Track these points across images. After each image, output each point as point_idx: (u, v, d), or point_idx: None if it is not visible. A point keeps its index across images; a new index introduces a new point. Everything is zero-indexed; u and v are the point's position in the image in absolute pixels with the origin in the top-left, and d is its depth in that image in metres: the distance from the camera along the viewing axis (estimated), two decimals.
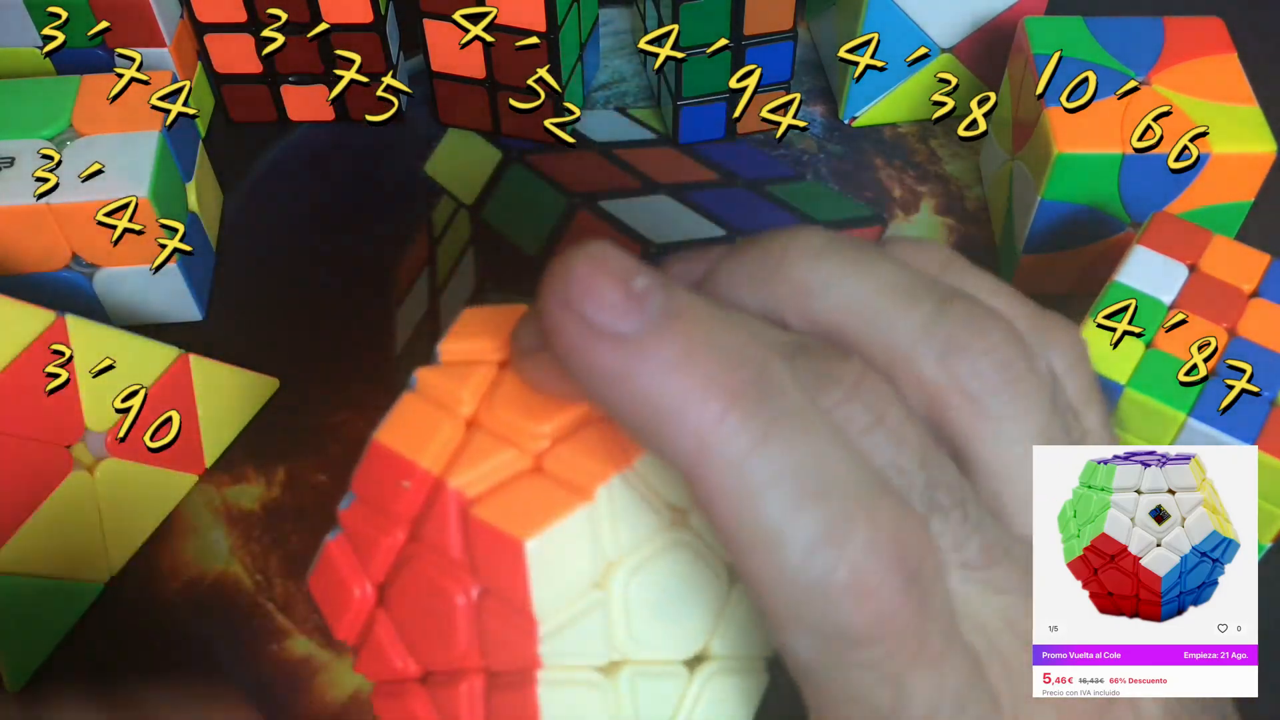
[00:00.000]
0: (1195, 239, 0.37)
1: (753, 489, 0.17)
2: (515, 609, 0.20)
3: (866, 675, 0.18)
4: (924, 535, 0.18)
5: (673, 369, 0.17)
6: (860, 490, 0.18)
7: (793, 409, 0.18)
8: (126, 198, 0.38)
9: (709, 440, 0.17)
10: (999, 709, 0.20)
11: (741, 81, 0.47)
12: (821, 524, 0.17)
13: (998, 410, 0.21)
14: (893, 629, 0.18)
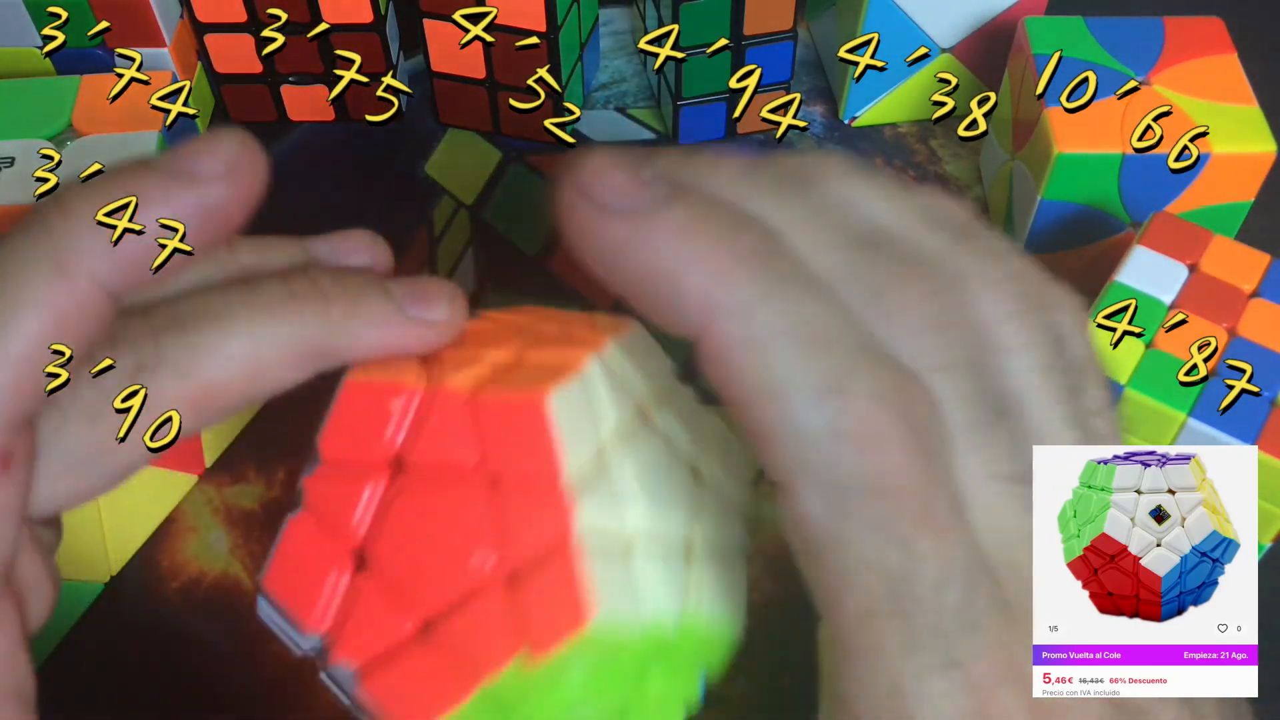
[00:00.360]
0: (1195, 239, 0.37)
1: (760, 338, 0.18)
2: (544, 483, 0.20)
3: (875, 536, 0.18)
4: (927, 397, 0.19)
5: (679, 235, 0.18)
6: (864, 348, 0.18)
7: (797, 270, 0.18)
8: (126, 198, 0.38)
9: (716, 294, 0.18)
10: (1009, 609, 0.20)
11: (741, 81, 0.47)
12: (827, 373, 0.18)
13: (1007, 340, 0.21)
14: (898, 484, 0.18)
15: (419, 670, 0.20)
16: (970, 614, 0.19)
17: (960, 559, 0.19)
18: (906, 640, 0.19)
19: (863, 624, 0.19)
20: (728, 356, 0.18)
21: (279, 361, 0.22)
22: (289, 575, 0.21)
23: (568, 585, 0.20)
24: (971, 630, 0.19)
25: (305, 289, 0.23)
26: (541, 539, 0.20)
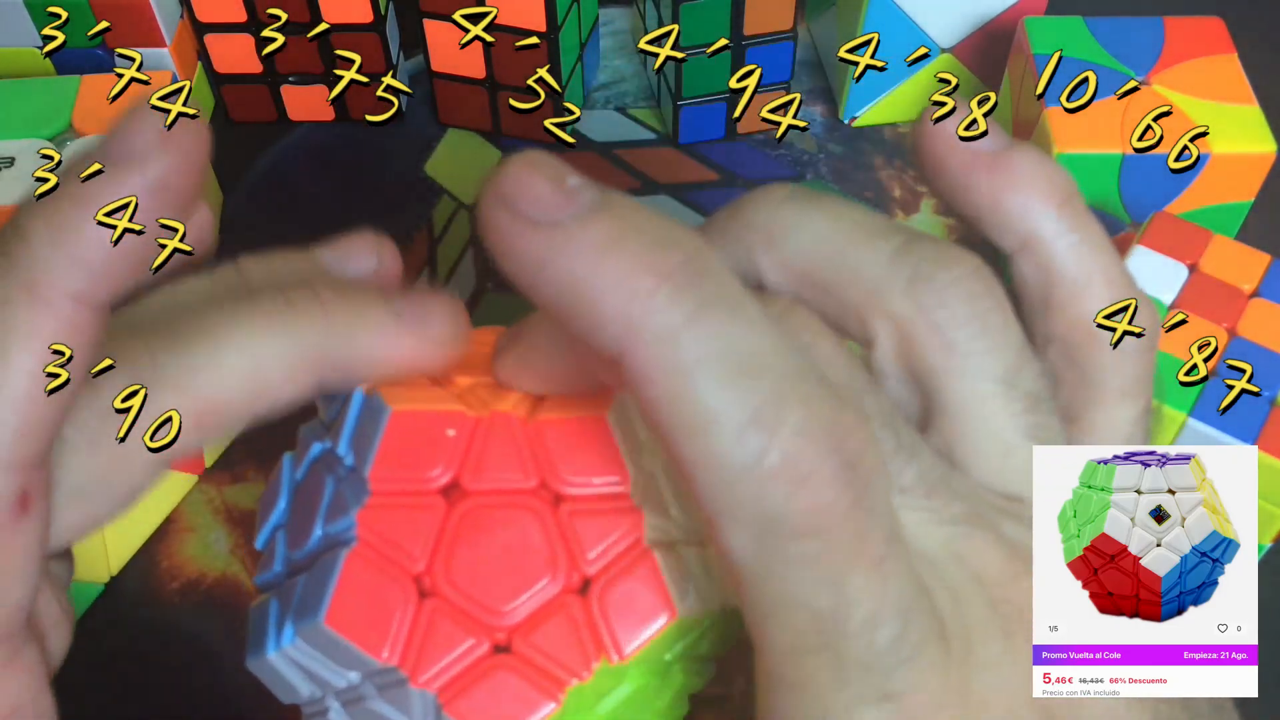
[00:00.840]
0: (1195, 239, 0.37)
1: (683, 366, 0.17)
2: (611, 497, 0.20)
3: (804, 574, 0.17)
4: (863, 429, 0.18)
5: (602, 251, 0.17)
6: (795, 376, 0.17)
7: (726, 292, 0.17)
8: (126, 197, 0.38)
9: (638, 317, 0.17)
10: (945, 637, 0.19)
11: (741, 81, 0.47)
12: (753, 404, 0.17)
13: (965, 345, 0.21)
14: (829, 520, 0.17)
15: (502, 688, 0.21)
16: (905, 648, 0.18)
17: (894, 594, 0.18)
18: (837, 676, 0.18)
19: (791, 660, 0.18)
20: (648, 384, 0.17)
21: (279, 375, 0.21)
22: (357, 610, 0.21)
23: (649, 587, 0.20)
24: (907, 664, 0.18)
25: (304, 300, 0.22)
26: (615, 549, 0.21)
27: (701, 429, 0.17)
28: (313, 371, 0.21)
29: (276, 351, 0.21)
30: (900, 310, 0.20)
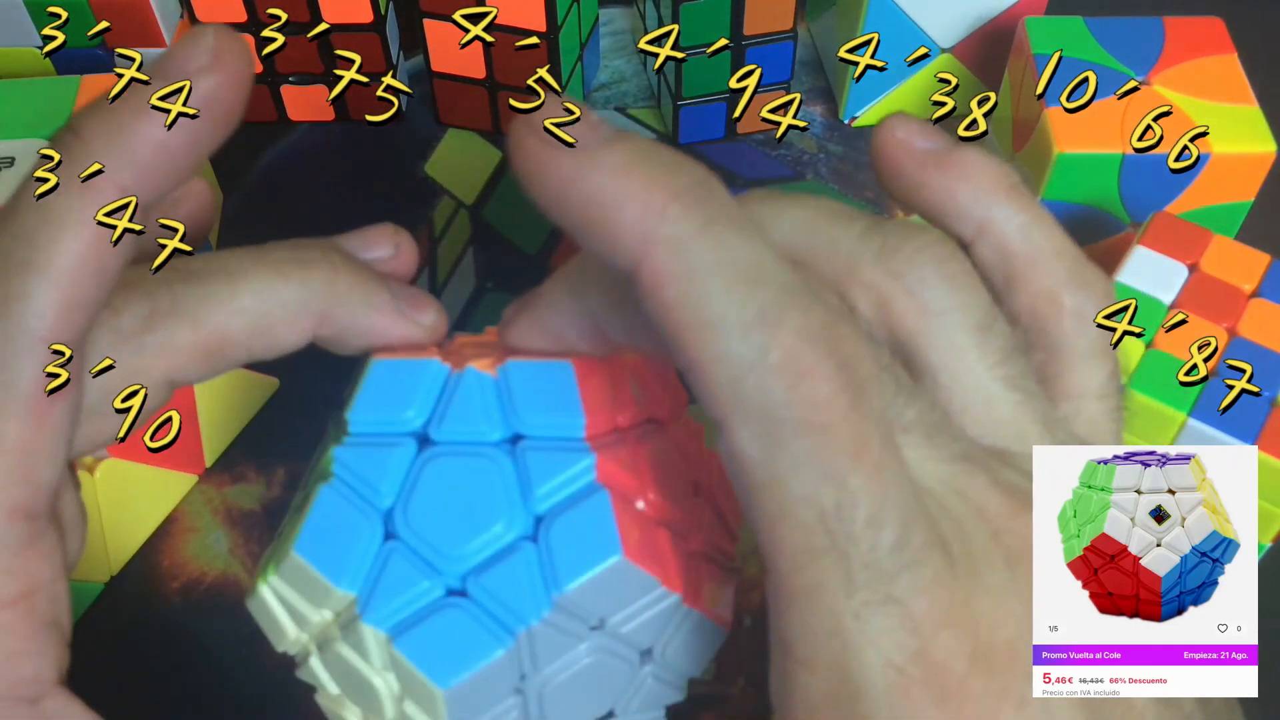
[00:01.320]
0: (1195, 239, 0.37)
1: (693, 271, 0.18)
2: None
3: (807, 471, 0.18)
4: (858, 339, 0.19)
5: (622, 171, 0.19)
6: (794, 287, 0.19)
7: (731, 211, 0.19)
8: (126, 198, 0.38)
9: (653, 228, 0.19)
10: (949, 554, 0.20)
11: (741, 81, 0.47)
12: (756, 306, 0.18)
13: (937, 304, 0.22)
14: (828, 417, 0.18)
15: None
16: (907, 552, 0.19)
17: (894, 496, 0.19)
18: (845, 579, 0.19)
19: (801, 563, 0.19)
20: (661, 289, 0.19)
21: (284, 320, 0.23)
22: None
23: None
24: (910, 568, 0.19)
25: (317, 259, 0.24)
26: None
27: (709, 328, 0.18)
28: (312, 324, 0.24)
29: (285, 299, 0.23)
30: (874, 279, 0.22)
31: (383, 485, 0.22)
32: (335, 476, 0.23)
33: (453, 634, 0.22)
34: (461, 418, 0.23)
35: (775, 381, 0.18)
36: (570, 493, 0.22)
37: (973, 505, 0.21)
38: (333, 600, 0.23)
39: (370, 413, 0.23)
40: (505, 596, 0.22)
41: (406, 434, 0.23)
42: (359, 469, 0.23)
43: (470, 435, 0.23)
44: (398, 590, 0.22)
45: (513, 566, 0.22)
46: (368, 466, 0.23)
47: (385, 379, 0.23)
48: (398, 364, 0.23)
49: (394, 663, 0.22)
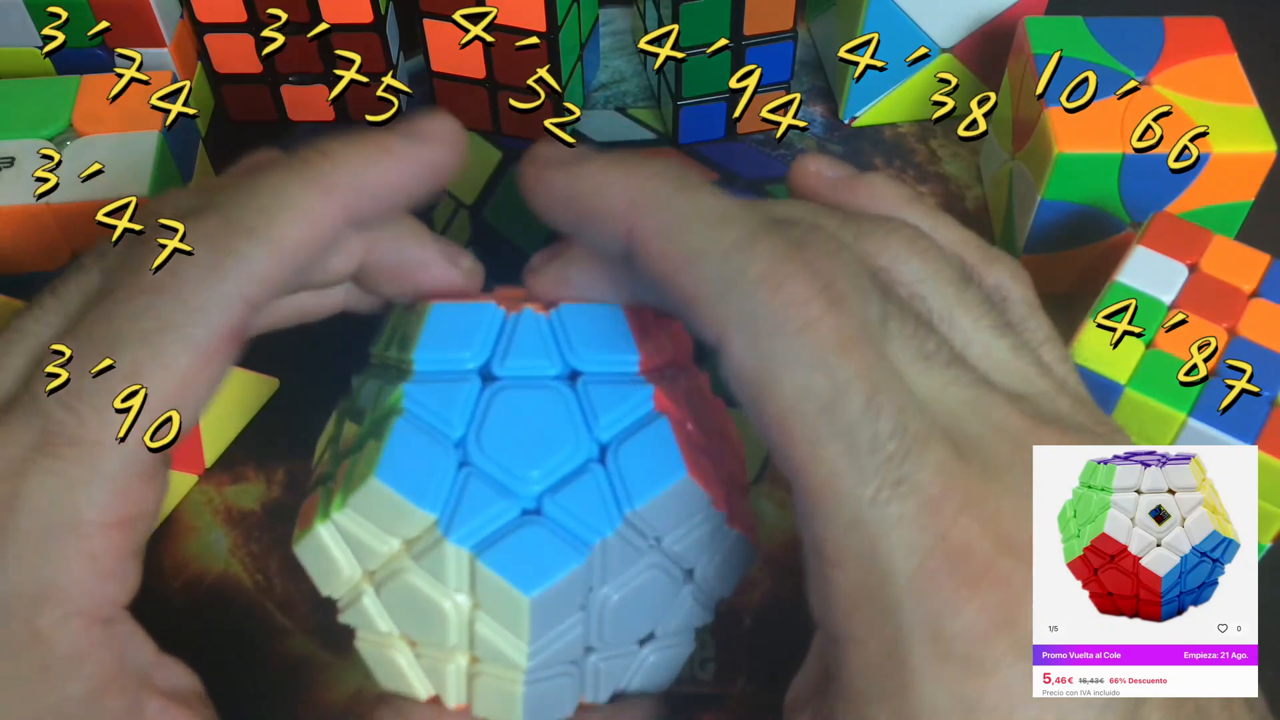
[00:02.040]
0: (1195, 239, 0.37)
1: (677, 220, 0.22)
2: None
3: (800, 366, 0.20)
4: (832, 255, 0.22)
5: (607, 169, 0.23)
6: (765, 223, 0.22)
7: (703, 181, 0.23)
8: (126, 198, 0.38)
9: (636, 196, 0.22)
10: (958, 447, 0.21)
11: (741, 81, 0.47)
12: (733, 236, 0.21)
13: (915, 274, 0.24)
14: (810, 318, 0.21)
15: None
16: (907, 438, 0.20)
17: (885, 383, 0.21)
18: (854, 466, 0.20)
19: (812, 458, 0.20)
20: (650, 242, 0.22)
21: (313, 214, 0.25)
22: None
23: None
24: (914, 454, 0.20)
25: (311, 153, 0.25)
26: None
27: (695, 261, 0.21)
28: (363, 248, 0.26)
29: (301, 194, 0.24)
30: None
31: (454, 417, 0.24)
32: (407, 411, 0.24)
33: (533, 548, 0.24)
34: (522, 354, 0.25)
35: (757, 291, 0.21)
36: (632, 420, 0.25)
37: (994, 422, 0.22)
38: (410, 525, 0.24)
39: (434, 352, 0.25)
40: (579, 512, 0.24)
41: (471, 370, 0.25)
42: (429, 403, 0.24)
43: (532, 370, 0.25)
44: (477, 511, 0.24)
45: (584, 486, 0.24)
46: (438, 401, 0.24)
47: (445, 321, 0.25)
48: (456, 307, 0.25)
49: (475, 580, 0.24)
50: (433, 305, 0.25)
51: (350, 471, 0.25)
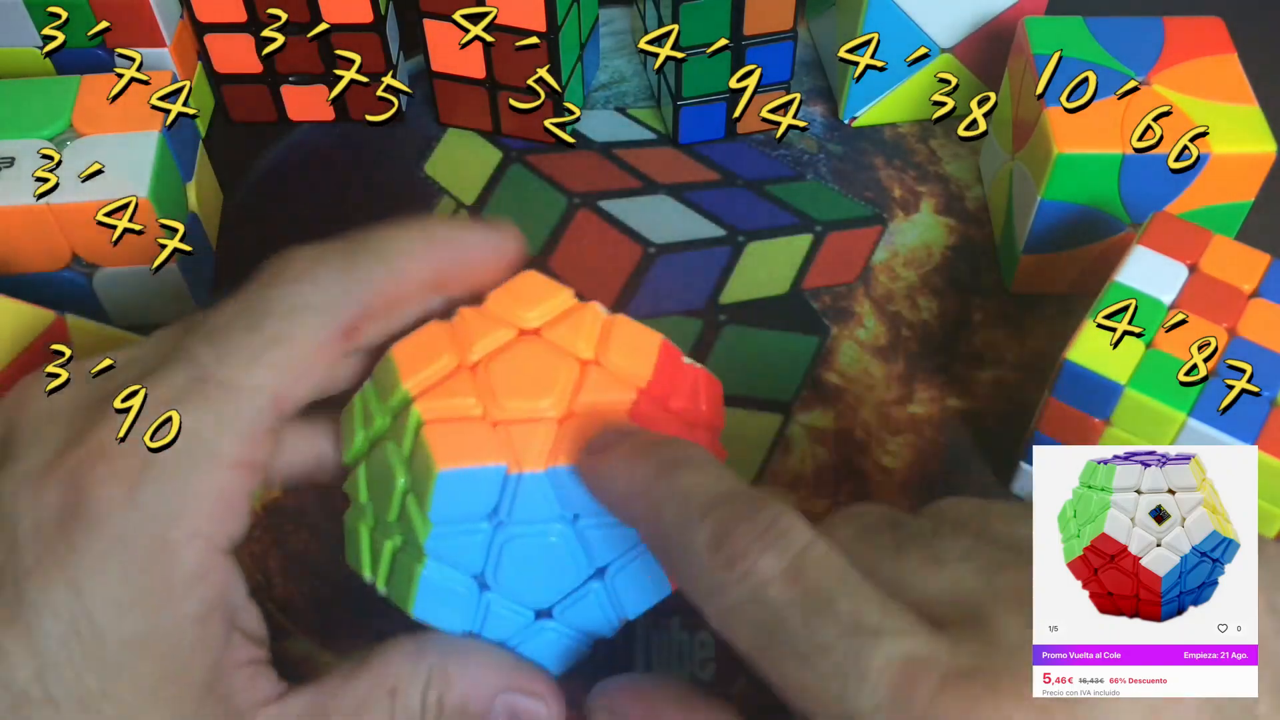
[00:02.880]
0: (1195, 239, 0.37)
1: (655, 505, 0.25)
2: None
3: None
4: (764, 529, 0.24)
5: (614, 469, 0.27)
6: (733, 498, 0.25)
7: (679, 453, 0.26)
8: (126, 198, 0.38)
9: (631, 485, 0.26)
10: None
11: (741, 81, 0.47)
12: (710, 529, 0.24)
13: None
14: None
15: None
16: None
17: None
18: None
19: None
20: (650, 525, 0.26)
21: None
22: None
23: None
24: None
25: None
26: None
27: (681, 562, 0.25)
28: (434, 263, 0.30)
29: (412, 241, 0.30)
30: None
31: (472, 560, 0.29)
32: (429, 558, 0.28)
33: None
34: (527, 511, 0.28)
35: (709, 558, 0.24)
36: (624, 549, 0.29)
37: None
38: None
39: (446, 520, 0.27)
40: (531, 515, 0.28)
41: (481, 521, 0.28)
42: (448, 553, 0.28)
43: (536, 523, 0.28)
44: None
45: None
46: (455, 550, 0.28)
47: (453, 488, 0.27)
48: (462, 473, 0.27)
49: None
50: (438, 472, 0.27)
51: (391, 577, 0.29)
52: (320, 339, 0.27)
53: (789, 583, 0.23)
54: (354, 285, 0.27)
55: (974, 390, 0.43)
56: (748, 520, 0.24)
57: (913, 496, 0.40)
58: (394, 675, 0.28)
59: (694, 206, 0.48)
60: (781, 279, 0.46)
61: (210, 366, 0.26)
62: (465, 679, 0.28)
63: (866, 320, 0.44)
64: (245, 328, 0.26)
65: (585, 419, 0.28)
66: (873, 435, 0.41)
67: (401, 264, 0.28)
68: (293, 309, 0.27)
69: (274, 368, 0.26)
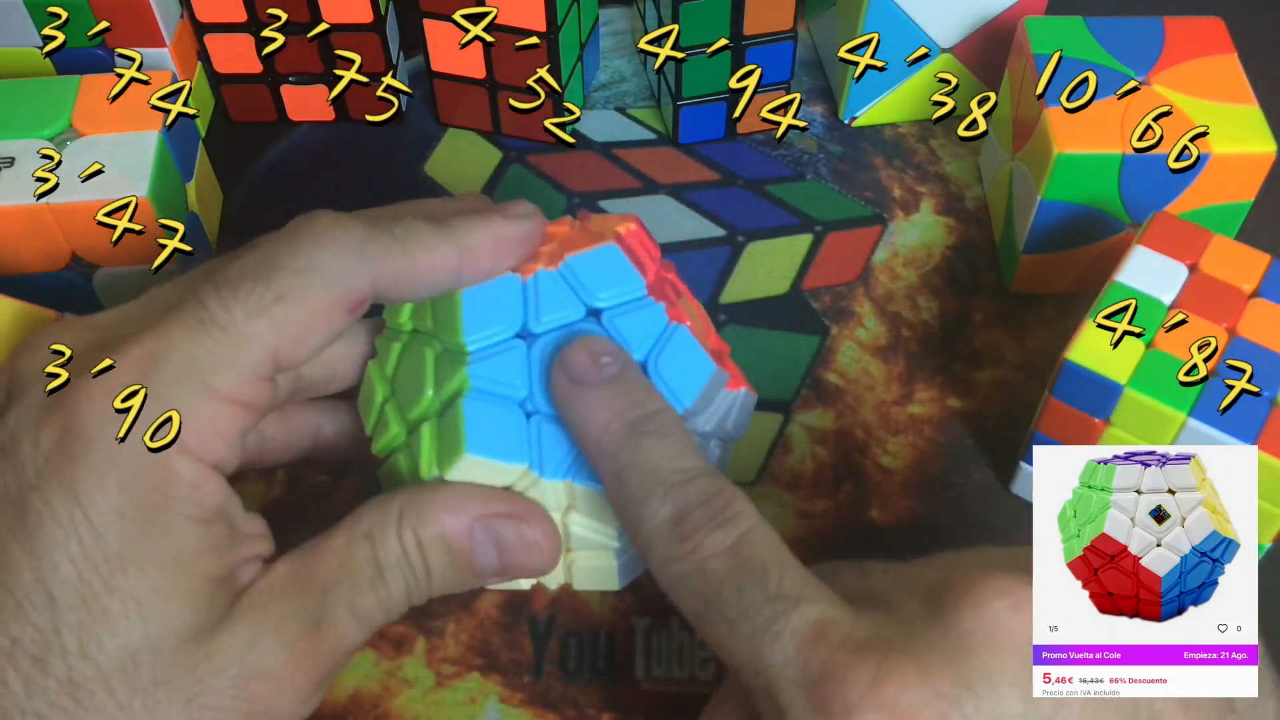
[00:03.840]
0: (1195, 239, 0.37)
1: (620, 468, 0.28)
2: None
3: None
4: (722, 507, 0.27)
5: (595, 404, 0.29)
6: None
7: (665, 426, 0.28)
8: (126, 198, 0.38)
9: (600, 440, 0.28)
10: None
11: (741, 81, 0.47)
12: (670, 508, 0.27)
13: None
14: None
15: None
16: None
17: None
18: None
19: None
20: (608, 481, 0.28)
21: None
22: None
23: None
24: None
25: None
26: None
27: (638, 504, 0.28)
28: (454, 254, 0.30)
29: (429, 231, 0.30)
30: None
31: (514, 380, 0.29)
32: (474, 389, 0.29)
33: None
34: (550, 310, 0.29)
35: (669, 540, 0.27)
36: (656, 336, 0.30)
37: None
38: (505, 477, 0.29)
39: (479, 332, 0.29)
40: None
41: (512, 337, 0.30)
42: (491, 376, 0.29)
43: (561, 320, 0.30)
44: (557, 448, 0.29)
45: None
46: (496, 372, 0.29)
47: (477, 302, 0.29)
48: (482, 288, 0.29)
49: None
50: (461, 293, 0.29)
51: (435, 444, 0.29)
52: (324, 303, 0.28)
53: (730, 556, 0.26)
54: (368, 260, 0.28)
55: (974, 390, 0.43)
56: (704, 506, 0.27)
57: (913, 496, 0.40)
58: (366, 521, 0.28)
59: (694, 206, 0.48)
60: (781, 279, 0.46)
61: (215, 311, 0.27)
62: (436, 510, 0.28)
63: (866, 320, 0.44)
64: (254, 278, 0.27)
65: (582, 236, 0.31)
66: (873, 435, 0.41)
67: (418, 255, 0.29)
68: (303, 269, 0.28)
69: (275, 321, 0.27)
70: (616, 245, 0.30)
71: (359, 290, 0.28)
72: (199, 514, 0.27)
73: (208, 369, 0.27)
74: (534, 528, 0.29)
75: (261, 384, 0.28)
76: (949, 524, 0.39)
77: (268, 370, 0.28)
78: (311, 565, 0.28)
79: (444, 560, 0.28)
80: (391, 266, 0.29)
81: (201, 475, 0.27)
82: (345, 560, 0.28)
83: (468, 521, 0.28)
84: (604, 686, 0.36)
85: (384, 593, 0.28)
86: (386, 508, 0.28)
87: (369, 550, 0.28)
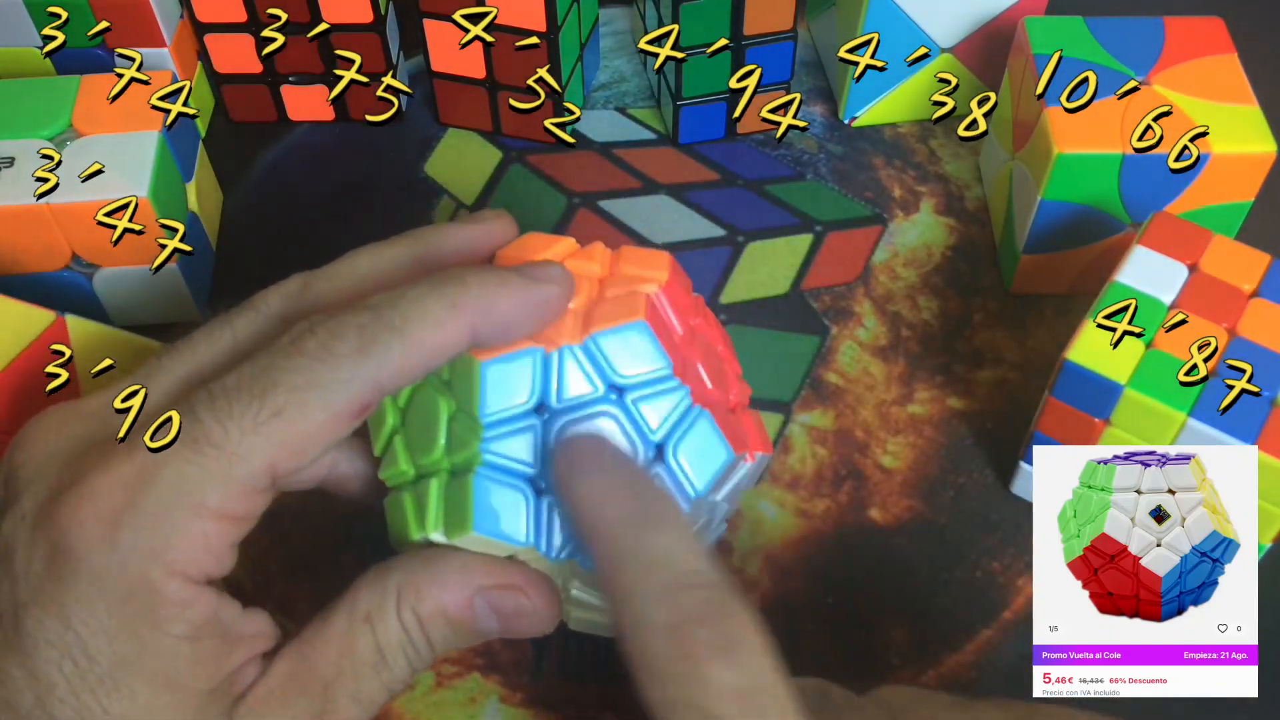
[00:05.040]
0: (1195, 239, 0.37)
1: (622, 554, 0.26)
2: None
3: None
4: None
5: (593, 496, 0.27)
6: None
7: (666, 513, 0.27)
8: (126, 198, 0.38)
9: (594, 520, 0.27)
10: None
11: (741, 81, 0.47)
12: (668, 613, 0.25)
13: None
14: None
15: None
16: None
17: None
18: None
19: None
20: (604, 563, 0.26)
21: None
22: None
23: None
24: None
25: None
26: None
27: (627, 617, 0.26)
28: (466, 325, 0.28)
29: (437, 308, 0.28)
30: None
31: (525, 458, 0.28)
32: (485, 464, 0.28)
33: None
34: (570, 388, 0.28)
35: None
36: (677, 420, 0.29)
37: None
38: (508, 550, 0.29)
39: (496, 407, 0.28)
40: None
41: (529, 411, 0.28)
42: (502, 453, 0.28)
43: (581, 399, 0.28)
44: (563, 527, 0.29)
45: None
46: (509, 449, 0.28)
47: (497, 376, 0.28)
48: (504, 360, 0.28)
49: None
50: (481, 363, 0.28)
51: (441, 507, 0.29)
52: (324, 419, 0.27)
53: (739, 702, 0.24)
54: (368, 365, 0.27)
55: (974, 390, 0.43)
56: (706, 624, 0.25)
57: (913, 496, 0.40)
58: (364, 602, 0.28)
59: (694, 206, 0.48)
60: (781, 279, 0.46)
61: (210, 427, 0.26)
62: (435, 586, 0.28)
63: (866, 320, 0.44)
64: (251, 395, 0.26)
65: (609, 303, 0.29)
66: (873, 435, 0.41)
67: (421, 336, 0.27)
68: (300, 386, 0.26)
69: (271, 438, 0.26)
70: (645, 322, 0.29)
71: (361, 397, 0.27)
72: (188, 631, 0.26)
73: (198, 488, 0.26)
74: (534, 597, 0.29)
75: (255, 496, 0.27)
76: (949, 524, 0.39)
77: (263, 484, 0.27)
78: (311, 659, 0.28)
79: (445, 631, 0.28)
80: (393, 364, 0.27)
81: (190, 593, 0.26)
82: (346, 649, 0.28)
83: (468, 595, 0.28)
84: (604, 686, 0.36)
85: (387, 675, 0.28)
86: (384, 586, 0.28)
87: (370, 636, 0.28)
